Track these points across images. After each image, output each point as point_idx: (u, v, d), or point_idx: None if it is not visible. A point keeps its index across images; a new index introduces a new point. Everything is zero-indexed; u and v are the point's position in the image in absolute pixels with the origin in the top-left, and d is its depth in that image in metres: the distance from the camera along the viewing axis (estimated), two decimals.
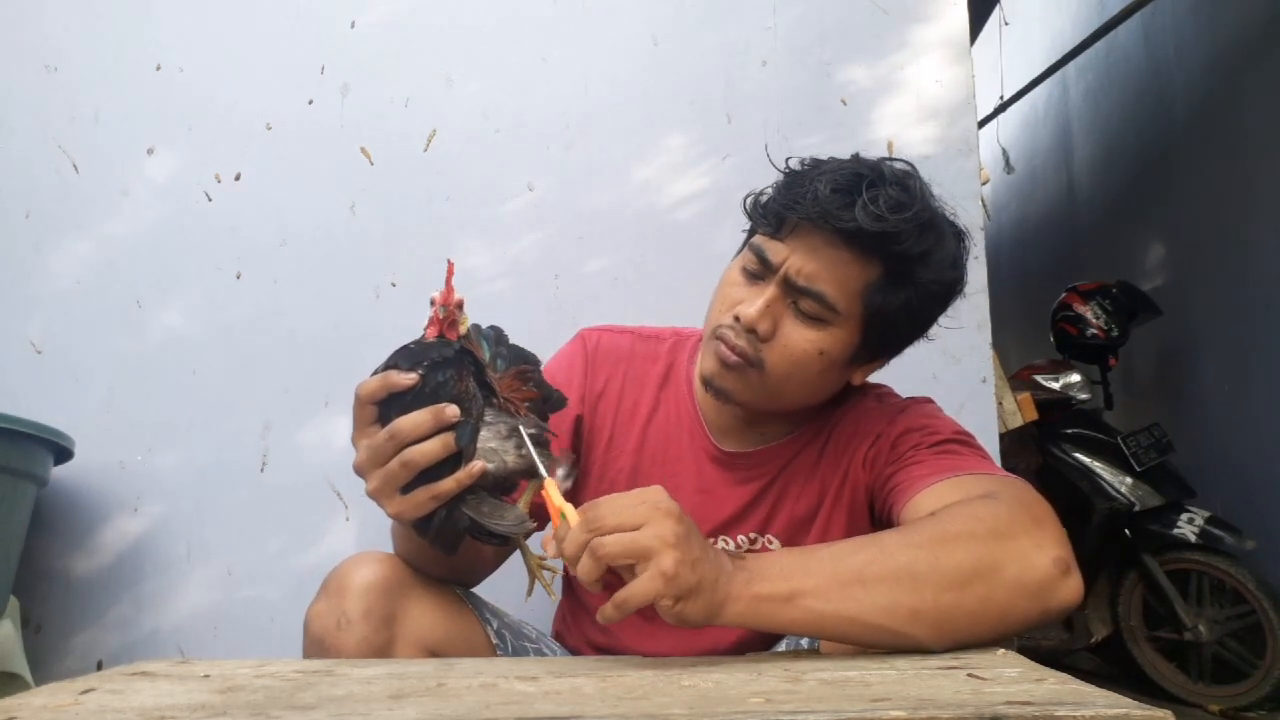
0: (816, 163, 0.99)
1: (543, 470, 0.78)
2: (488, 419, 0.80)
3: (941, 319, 1.04)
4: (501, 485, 0.82)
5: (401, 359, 0.79)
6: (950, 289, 0.99)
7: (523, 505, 0.83)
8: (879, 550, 0.74)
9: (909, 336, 1.03)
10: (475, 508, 0.79)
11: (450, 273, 0.80)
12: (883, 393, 1.10)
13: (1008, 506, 0.79)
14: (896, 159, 0.98)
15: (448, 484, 0.76)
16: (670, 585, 0.68)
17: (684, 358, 1.13)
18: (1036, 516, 0.79)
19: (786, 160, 1.01)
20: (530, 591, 0.88)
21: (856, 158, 0.98)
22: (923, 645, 0.72)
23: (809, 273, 0.93)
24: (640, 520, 0.69)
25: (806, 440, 1.07)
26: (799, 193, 0.93)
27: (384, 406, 0.78)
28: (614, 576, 0.71)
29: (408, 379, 0.76)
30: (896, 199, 0.91)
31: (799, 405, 1.03)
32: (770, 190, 1.00)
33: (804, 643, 0.97)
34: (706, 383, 1.00)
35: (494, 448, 0.80)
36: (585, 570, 0.69)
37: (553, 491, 0.76)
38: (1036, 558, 0.75)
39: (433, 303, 0.80)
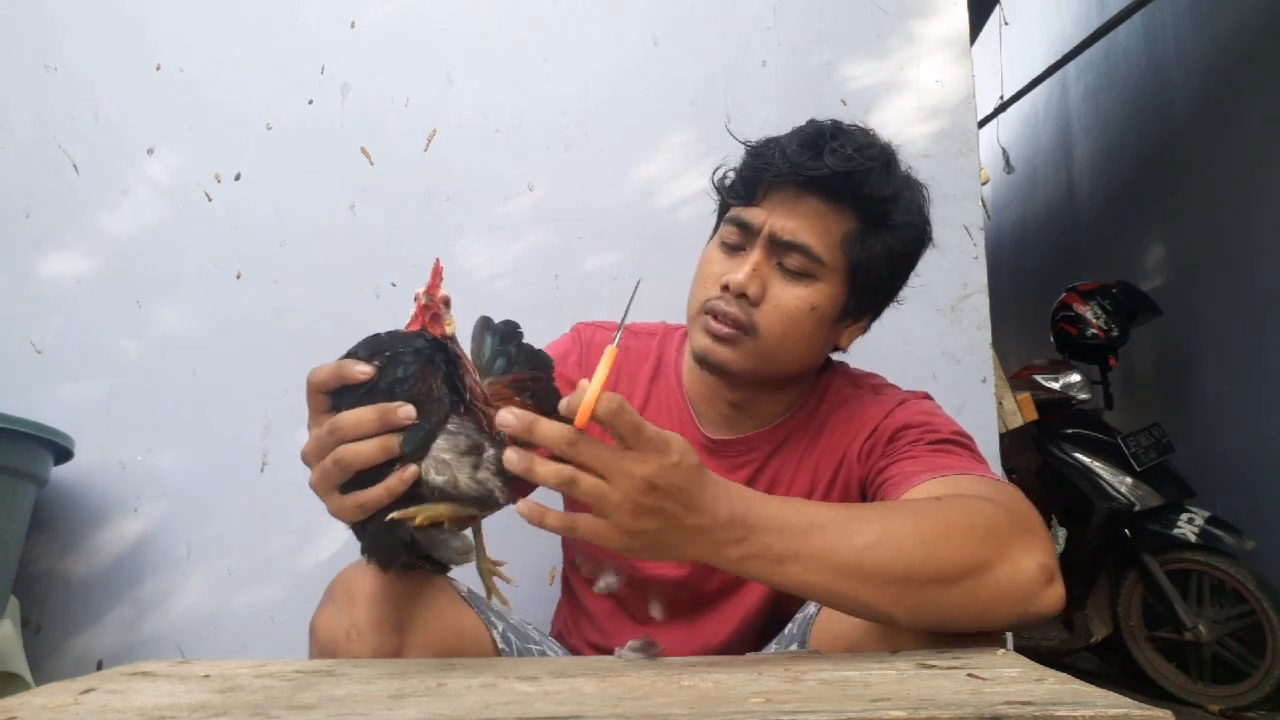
0: (774, 136, 1.02)
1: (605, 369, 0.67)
2: (450, 427, 0.72)
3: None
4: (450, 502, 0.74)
5: (362, 348, 0.72)
6: (922, 233, 1.03)
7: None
8: (883, 531, 0.74)
9: (891, 288, 1.05)
10: (422, 528, 0.72)
11: (437, 271, 0.73)
12: (878, 384, 1.11)
13: (1006, 511, 0.80)
14: (850, 123, 1.02)
15: (375, 491, 0.70)
16: (622, 539, 0.68)
17: (672, 350, 1.15)
18: (1028, 524, 0.80)
19: (743, 141, 1.05)
20: (489, 594, 0.85)
21: (812, 120, 1.01)
22: (895, 623, 0.74)
23: (791, 228, 0.96)
24: (617, 470, 0.66)
25: (796, 425, 1.07)
26: (766, 157, 0.97)
27: (336, 397, 0.72)
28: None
29: (361, 371, 0.69)
30: (859, 141, 0.96)
31: (794, 368, 1.04)
32: (733, 169, 1.03)
33: (794, 646, 0.98)
34: (701, 359, 1.01)
35: (446, 460, 0.71)
36: (547, 472, 0.67)
37: (606, 361, 0.68)
38: (1025, 563, 0.76)
39: (417, 299, 0.73)
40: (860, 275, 0.99)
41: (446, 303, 0.73)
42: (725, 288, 0.97)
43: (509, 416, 0.67)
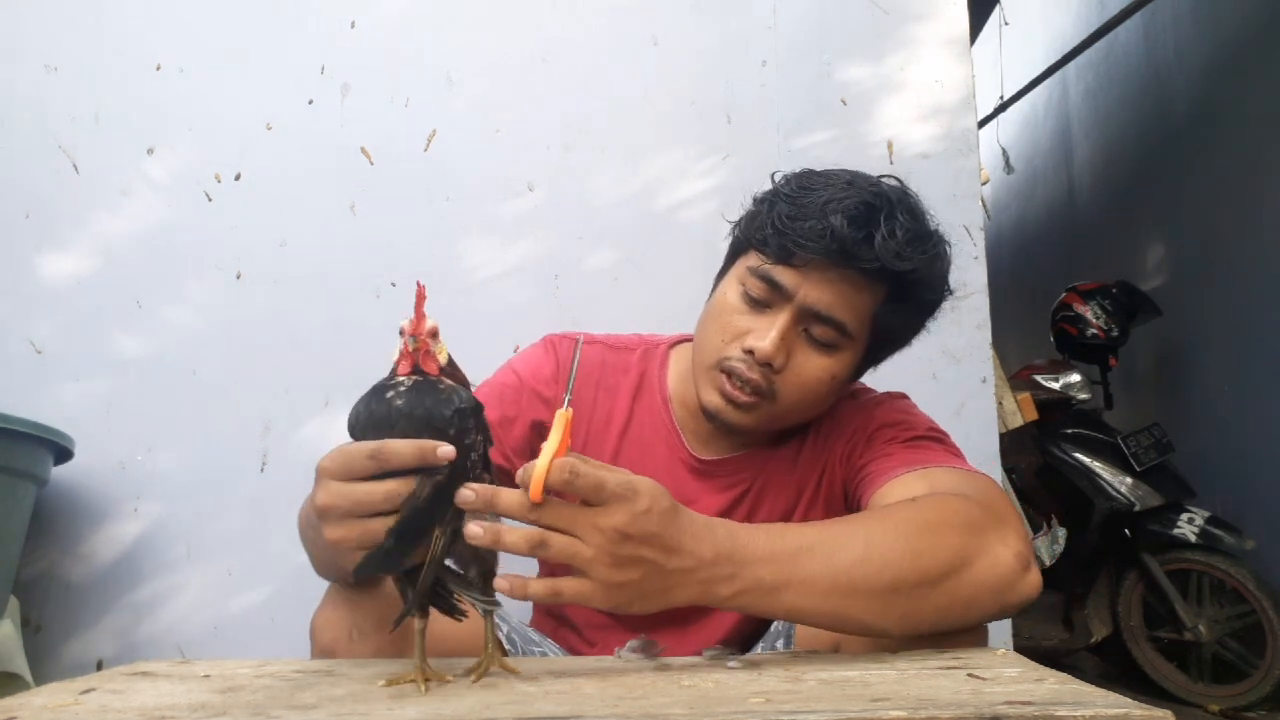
0: (809, 181, 0.96)
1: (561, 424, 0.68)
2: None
3: (936, 316, 1.06)
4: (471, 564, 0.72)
5: (431, 421, 0.64)
6: (941, 301, 1.02)
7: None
8: (867, 544, 0.74)
9: (901, 348, 1.06)
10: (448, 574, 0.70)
11: (420, 298, 0.68)
12: (856, 389, 1.11)
13: (977, 504, 0.81)
14: (885, 176, 0.98)
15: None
16: (608, 597, 0.66)
17: (655, 367, 1.12)
18: (1000, 514, 0.81)
19: (773, 175, 1.01)
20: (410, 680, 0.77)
21: (855, 181, 0.95)
22: (886, 635, 0.75)
23: (827, 302, 0.93)
24: (587, 529, 0.65)
25: (783, 442, 1.07)
26: (812, 228, 0.91)
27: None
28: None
29: (445, 454, 0.63)
30: (912, 230, 0.92)
31: (799, 423, 1.04)
32: (766, 212, 0.96)
33: (779, 644, 0.98)
34: (710, 416, 0.99)
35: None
36: (514, 539, 0.65)
37: (558, 426, 0.67)
38: (1001, 554, 0.77)
39: (402, 333, 0.68)
40: (879, 342, 1.00)
41: (434, 334, 0.69)
42: (749, 352, 0.94)
43: (468, 494, 0.64)
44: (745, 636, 1.06)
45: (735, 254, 1.03)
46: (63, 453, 1.55)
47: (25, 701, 0.59)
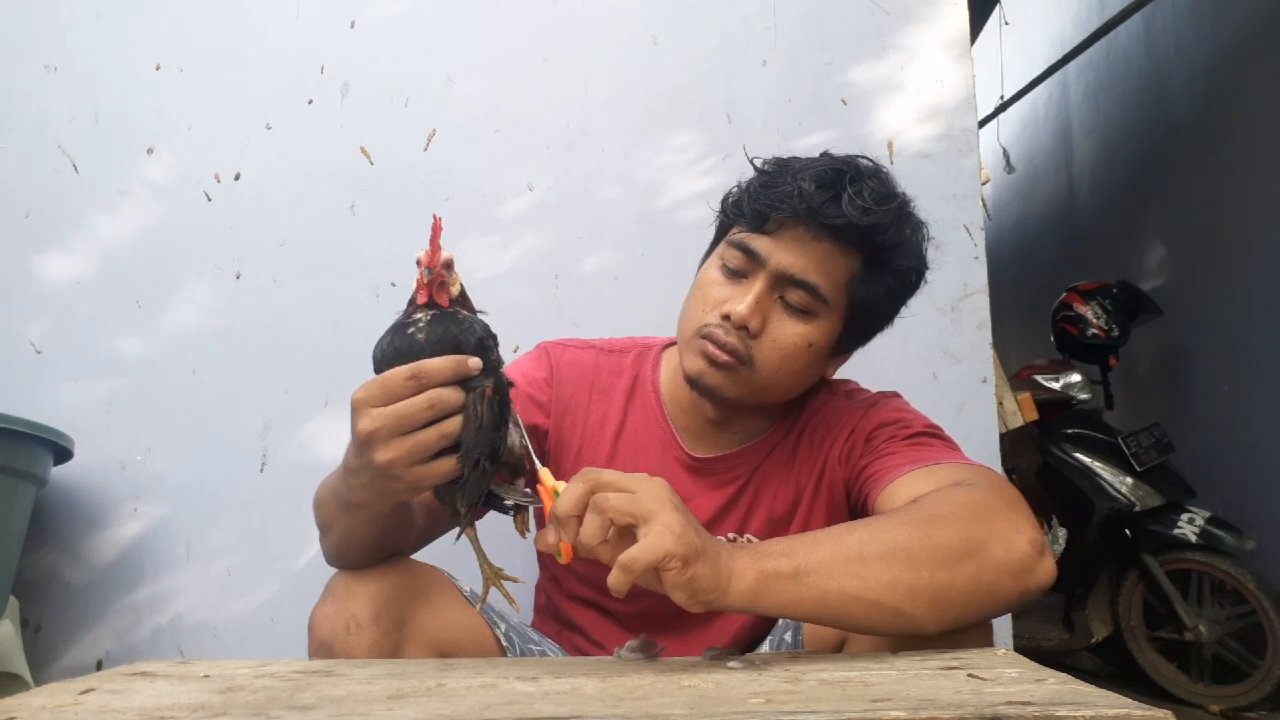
0: (785, 159, 1.01)
1: (538, 461, 0.79)
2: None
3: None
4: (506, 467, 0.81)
5: (468, 343, 0.73)
6: (920, 275, 1.03)
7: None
8: (873, 530, 0.75)
9: (883, 324, 1.06)
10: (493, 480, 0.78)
11: (437, 231, 0.72)
12: (850, 389, 1.12)
13: (984, 491, 0.81)
14: (860, 156, 1.00)
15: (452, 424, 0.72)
16: (679, 542, 0.66)
17: (648, 368, 1.13)
18: (1011, 501, 0.82)
19: (752, 160, 1.04)
20: (484, 599, 0.85)
21: (826, 155, 1.01)
22: (920, 625, 0.73)
23: (800, 266, 0.95)
24: (636, 486, 0.70)
25: (778, 439, 1.07)
26: (782, 191, 0.94)
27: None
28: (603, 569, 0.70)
29: (475, 365, 0.72)
30: (878, 191, 0.95)
31: (783, 398, 1.04)
32: (743, 188, 1.01)
33: (786, 637, 0.98)
34: (693, 381, 1.00)
35: (518, 424, 0.80)
36: (589, 528, 0.68)
37: (547, 476, 0.75)
38: (1016, 539, 0.77)
39: (419, 264, 0.73)
40: (858, 313, 1.00)
41: (449, 265, 0.74)
42: (726, 317, 0.96)
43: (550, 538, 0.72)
44: (749, 642, 1.06)
45: (718, 238, 1.06)
46: (62, 453, 1.55)
47: (25, 701, 0.59)
